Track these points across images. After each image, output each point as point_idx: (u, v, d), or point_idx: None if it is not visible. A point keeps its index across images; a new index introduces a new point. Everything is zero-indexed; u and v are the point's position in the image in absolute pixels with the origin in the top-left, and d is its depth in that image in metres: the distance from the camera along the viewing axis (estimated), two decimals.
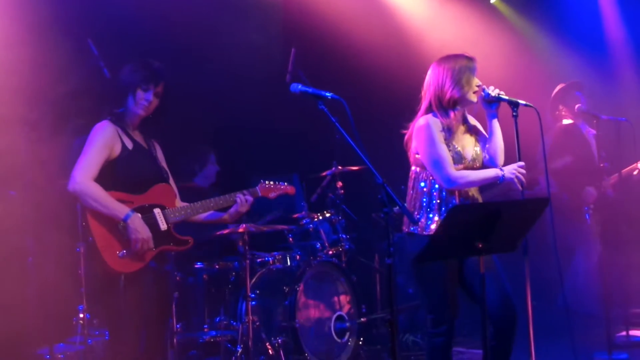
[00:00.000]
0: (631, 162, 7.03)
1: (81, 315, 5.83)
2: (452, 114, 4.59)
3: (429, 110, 4.64)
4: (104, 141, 4.50)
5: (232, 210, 4.84)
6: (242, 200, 4.81)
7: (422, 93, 4.71)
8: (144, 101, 4.60)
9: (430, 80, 4.65)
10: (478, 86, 4.60)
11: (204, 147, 7.27)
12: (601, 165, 7.37)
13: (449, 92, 4.56)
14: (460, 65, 4.58)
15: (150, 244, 4.46)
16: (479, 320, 4.06)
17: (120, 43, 6.47)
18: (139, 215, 4.47)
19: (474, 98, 4.60)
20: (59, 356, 5.96)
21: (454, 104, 4.58)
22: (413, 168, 4.72)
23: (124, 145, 4.55)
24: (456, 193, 4.57)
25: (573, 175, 7.37)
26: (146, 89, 4.60)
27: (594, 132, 7.75)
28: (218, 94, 7.67)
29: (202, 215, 4.84)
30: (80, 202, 4.47)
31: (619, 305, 6.73)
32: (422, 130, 4.58)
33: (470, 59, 4.63)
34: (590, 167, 7.57)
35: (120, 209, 4.43)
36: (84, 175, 4.41)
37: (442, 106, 4.59)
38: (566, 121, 7.64)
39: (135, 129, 4.69)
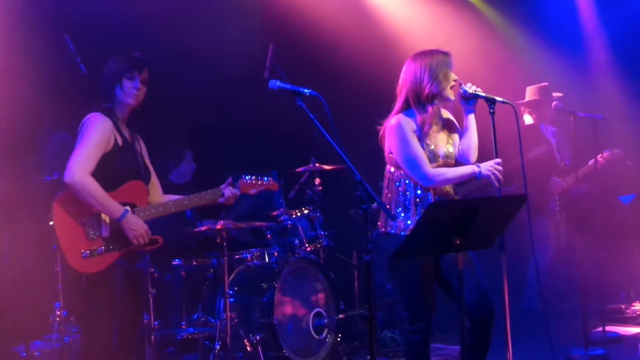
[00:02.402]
0: None
1: (58, 312, 5.80)
2: (429, 109, 4.58)
3: (406, 106, 4.62)
4: (103, 135, 4.43)
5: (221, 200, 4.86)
6: (228, 192, 4.84)
7: (398, 89, 4.68)
8: (132, 89, 4.54)
9: (407, 75, 4.62)
10: (455, 81, 4.60)
11: (180, 145, 7.27)
12: (562, 164, 7.45)
13: (427, 88, 4.54)
14: (437, 61, 4.57)
15: (146, 237, 4.46)
16: (456, 317, 4.07)
17: (98, 39, 6.43)
18: (129, 210, 4.44)
19: (451, 95, 4.60)
20: (35, 353, 5.94)
21: (432, 99, 4.57)
22: (387, 167, 4.72)
23: (116, 141, 4.50)
24: (431, 191, 4.58)
25: (536, 171, 7.43)
26: (132, 77, 4.55)
27: (554, 129, 7.83)
28: (196, 90, 7.66)
29: None
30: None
31: (595, 301, 6.77)
32: (394, 130, 4.57)
33: (446, 54, 4.63)
34: (552, 165, 7.63)
35: (115, 208, 4.39)
36: (82, 169, 4.34)
37: (420, 101, 4.57)
38: (527, 121, 7.70)
39: (124, 123, 4.63)
